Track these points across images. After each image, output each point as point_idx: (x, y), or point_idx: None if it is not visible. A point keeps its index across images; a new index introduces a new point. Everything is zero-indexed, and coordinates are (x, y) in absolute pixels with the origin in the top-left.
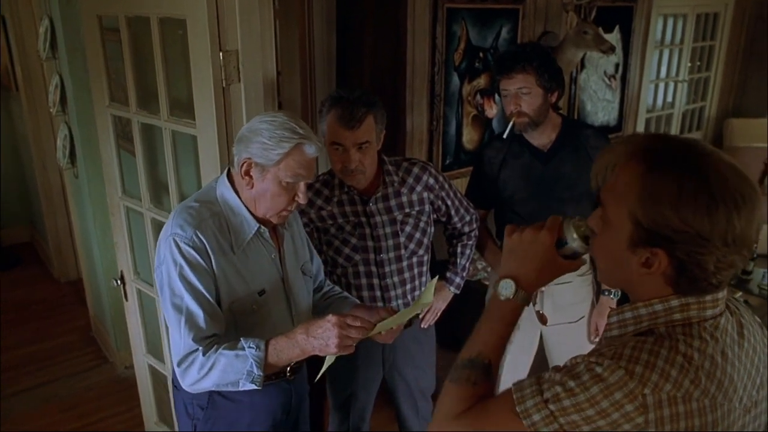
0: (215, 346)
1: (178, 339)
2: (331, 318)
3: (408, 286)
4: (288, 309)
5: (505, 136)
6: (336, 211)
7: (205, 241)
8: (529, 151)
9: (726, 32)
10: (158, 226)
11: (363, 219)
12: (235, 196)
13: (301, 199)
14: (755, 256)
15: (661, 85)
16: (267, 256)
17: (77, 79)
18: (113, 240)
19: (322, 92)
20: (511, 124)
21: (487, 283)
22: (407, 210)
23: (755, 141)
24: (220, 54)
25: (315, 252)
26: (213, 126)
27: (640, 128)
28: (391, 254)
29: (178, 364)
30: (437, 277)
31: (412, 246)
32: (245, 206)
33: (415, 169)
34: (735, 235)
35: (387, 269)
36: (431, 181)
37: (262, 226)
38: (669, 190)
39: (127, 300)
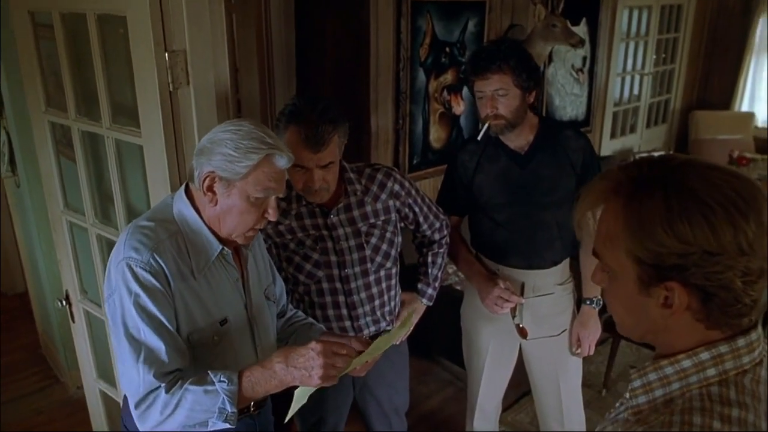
0: (179, 382)
1: (135, 377)
2: (315, 346)
3: (377, 302)
4: (252, 339)
5: (479, 138)
6: (294, 225)
7: (163, 265)
8: (506, 154)
9: (690, 24)
10: (105, 243)
11: (324, 232)
12: (195, 214)
13: (272, 215)
14: None
15: (627, 78)
16: (229, 280)
17: (13, 81)
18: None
19: (281, 89)
20: (486, 126)
21: (458, 287)
22: (372, 220)
23: (720, 133)
24: (166, 55)
25: (278, 274)
26: (160, 134)
27: (608, 122)
28: (357, 269)
29: (136, 406)
30: (423, 306)
31: (378, 259)
32: (207, 225)
33: (379, 176)
34: (749, 240)
35: (353, 285)
36: (396, 187)
37: (225, 248)
38: (657, 213)
39: (74, 322)
